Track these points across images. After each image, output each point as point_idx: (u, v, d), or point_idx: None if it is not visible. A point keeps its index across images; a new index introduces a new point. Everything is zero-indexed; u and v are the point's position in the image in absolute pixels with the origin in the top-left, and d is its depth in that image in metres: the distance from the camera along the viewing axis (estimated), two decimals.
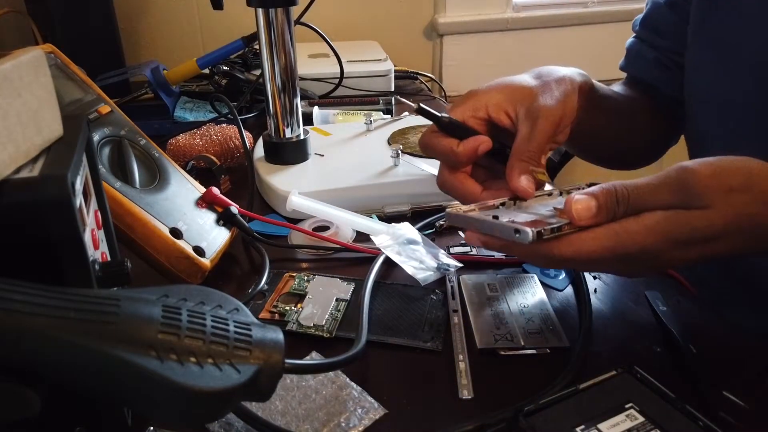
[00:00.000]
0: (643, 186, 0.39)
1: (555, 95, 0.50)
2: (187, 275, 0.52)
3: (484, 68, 1.45)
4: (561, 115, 0.49)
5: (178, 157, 0.75)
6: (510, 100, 0.50)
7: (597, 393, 0.39)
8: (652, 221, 0.38)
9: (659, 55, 0.67)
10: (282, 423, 0.39)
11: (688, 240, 0.38)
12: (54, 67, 0.51)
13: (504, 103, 0.50)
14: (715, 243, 0.38)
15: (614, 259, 0.40)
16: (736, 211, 0.38)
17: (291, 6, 0.66)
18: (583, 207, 0.39)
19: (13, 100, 0.30)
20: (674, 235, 0.38)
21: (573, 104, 0.51)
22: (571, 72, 0.54)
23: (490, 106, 0.50)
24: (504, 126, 0.50)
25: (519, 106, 0.49)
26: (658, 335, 0.47)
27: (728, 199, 0.38)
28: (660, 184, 0.39)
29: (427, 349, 0.46)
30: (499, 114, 0.50)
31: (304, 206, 0.61)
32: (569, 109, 0.50)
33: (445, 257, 0.55)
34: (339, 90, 1.02)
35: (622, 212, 0.39)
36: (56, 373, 0.27)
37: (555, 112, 0.49)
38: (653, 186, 0.39)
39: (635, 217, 0.39)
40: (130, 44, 1.18)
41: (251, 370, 0.29)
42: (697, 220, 0.38)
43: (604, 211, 0.39)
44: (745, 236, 0.39)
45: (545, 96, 0.49)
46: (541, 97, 0.49)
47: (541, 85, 0.50)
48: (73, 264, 0.32)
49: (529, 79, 0.51)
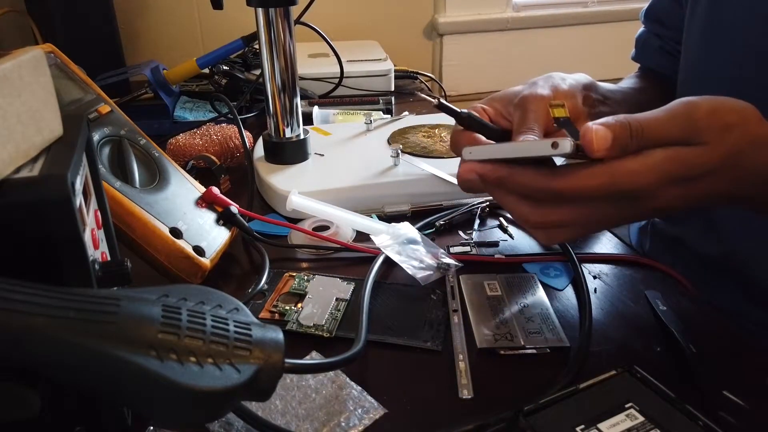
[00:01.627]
0: (653, 120, 0.39)
1: (540, 86, 0.51)
2: (187, 275, 0.52)
3: (484, 68, 1.45)
4: (550, 97, 0.50)
5: (178, 157, 0.75)
6: (504, 104, 0.52)
7: (597, 393, 0.39)
8: (652, 160, 0.38)
9: (663, 43, 0.70)
10: (282, 423, 0.39)
11: (683, 177, 0.38)
12: (54, 66, 0.51)
13: (501, 110, 0.52)
14: (705, 179, 0.39)
15: (608, 200, 0.39)
16: (727, 149, 0.38)
17: (291, 6, 0.66)
18: (602, 137, 0.37)
19: (13, 99, 0.30)
20: (671, 173, 0.38)
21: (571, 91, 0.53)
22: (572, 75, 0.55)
23: (492, 116, 0.52)
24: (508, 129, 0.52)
25: (508, 105, 0.52)
26: (658, 335, 0.47)
27: (723, 136, 0.38)
28: (669, 118, 0.39)
29: (427, 349, 0.46)
30: (499, 120, 0.52)
31: (304, 206, 0.61)
32: (563, 93, 0.52)
33: (445, 257, 0.55)
34: (339, 90, 1.02)
35: (634, 147, 0.38)
36: (56, 373, 0.27)
37: (542, 98, 0.49)
38: (663, 120, 0.39)
39: (634, 155, 0.38)
40: (129, 44, 1.18)
41: (251, 369, 0.29)
42: (694, 158, 0.38)
43: (618, 144, 0.38)
44: (730, 175, 0.39)
45: (531, 88, 0.51)
46: (526, 91, 0.50)
47: (528, 85, 0.52)
48: (73, 264, 0.32)
49: (519, 86, 0.53)
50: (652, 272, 0.56)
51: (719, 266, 0.64)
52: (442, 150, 0.73)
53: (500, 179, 0.42)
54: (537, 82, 0.52)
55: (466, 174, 0.43)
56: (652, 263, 0.57)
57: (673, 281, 0.55)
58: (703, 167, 0.38)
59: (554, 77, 0.53)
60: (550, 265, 0.57)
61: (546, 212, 0.42)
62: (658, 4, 0.72)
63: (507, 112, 0.51)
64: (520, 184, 0.41)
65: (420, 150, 0.73)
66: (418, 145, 0.74)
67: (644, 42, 0.74)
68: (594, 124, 0.38)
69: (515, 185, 0.42)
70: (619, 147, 0.38)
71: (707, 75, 0.61)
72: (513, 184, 0.42)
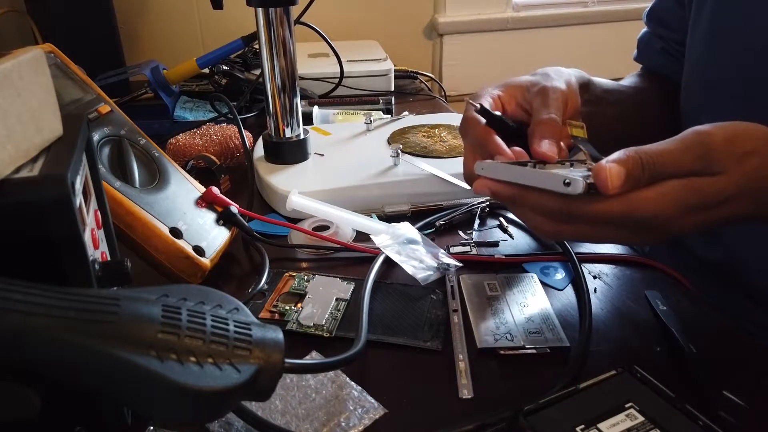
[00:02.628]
0: (666, 153, 0.39)
1: (554, 78, 0.52)
2: (186, 275, 0.52)
3: (484, 68, 1.45)
4: (567, 93, 0.51)
5: (178, 157, 0.75)
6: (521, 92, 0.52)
7: (597, 393, 0.39)
8: (668, 189, 0.38)
9: (665, 45, 0.71)
10: (282, 423, 0.39)
11: (699, 206, 0.39)
12: (54, 66, 0.51)
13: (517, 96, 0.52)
14: (724, 206, 0.39)
15: (624, 226, 0.40)
16: (747, 174, 0.38)
17: (291, 5, 0.66)
18: (616, 174, 0.38)
19: (13, 99, 0.30)
20: (688, 202, 0.38)
21: (575, 90, 0.53)
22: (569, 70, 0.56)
23: (505, 103, 0.52)
24: (518, 117, 0.52)
25: (525, 92, 0.52)
26: (658, 335, 0.47)
27: (741, 163, 0.38)
28: (682, 149, 0.39)
29: (427, 349, 0.46)
30: (514, 108, 0.53)
31: (304, 206, 0.61)
32: (572, 92, 0.52)
33: (445, 257, 0.55)
34: (339, 90, 1.02)
35: (646, 180, 0.39)
36: (56, 373, 0.27)
37: (560, 89, 0.50)
38: (675, 152, 0.39)
39: (650, 186, 0.39)
40: (129, 44, 1.18)
41: (251, 369, 0.29)
42: (710, 187, 0.38)
43: (631, 180, 0.38)
44: (751, 199, 0.39)
45: (547, 80, 0.52)
46: (544, 81, 0.51)
47: (541, 76, 0.53)
48: (73, 263, 0.32)
49: (527, 76, 0.54)
50: (652, 272, 0.56)
51: (720, 268, 0.64)
52: (442, 150, 0.73)
53: (514, 197, 0.43)
54: (549, 74, 0.53)
55: (481, 189, 0.44)
56: (652, 263, 0.57)
57: (673, 281, 0.55)
58: (720, 195, 0.38)
59: (562, 72, 0.54)
60: (550, 265, 0.57)
61: (562, 227, 0.42)
62: (661, 6, 0.72)
63: (524, 99, 0.52)
64: (536, 204, 0.42)
65: (420, 150, 0.73)
66: (418, 145, 0.74)
67: (646, 43, 0.75)
68: (607, 162, 0.38)
69: (530, 203, 0.43)
70: (632, 182, 0.38)
71: (713, 77, 0.61)
72: (528, 203, 0.43)
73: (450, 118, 0.85)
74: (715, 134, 0.39)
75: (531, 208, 0.43)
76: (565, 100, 0.50)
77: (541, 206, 0.41)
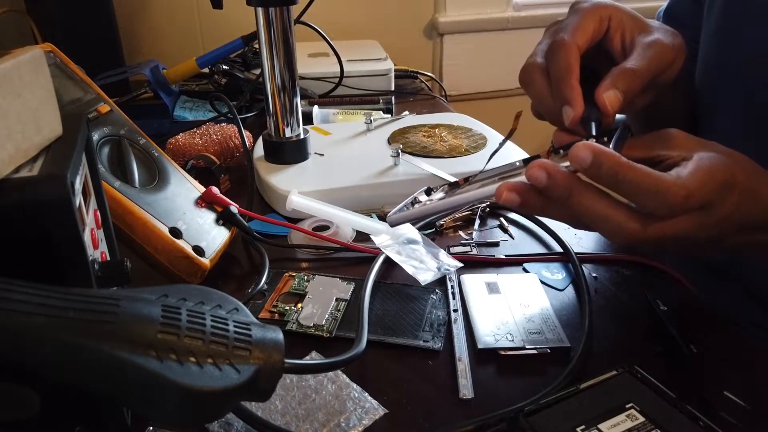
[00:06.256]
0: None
1: (669, 37, 0.46)
2: (186, 275, 0.52)
3: (484, 67, 1.45)
4: (672, 58, 0.46)
5: (178, 157, 0.75)
6: (632, 25, 0.47)
7: (597, 393, 0.39)
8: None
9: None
10: (282, 423, 0.39)
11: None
12: (53, 66, 0.51)
13: (626, 25, 0.47)
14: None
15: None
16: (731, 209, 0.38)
17: (291, 5, 0.66)
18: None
19: (12, 99, 0.30)
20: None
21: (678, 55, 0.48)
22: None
23: (614, 21, 0.47)
24: (611, 48, 0.47)
25: (638, 35, 0.46)
26: (658, 335, 0.47)
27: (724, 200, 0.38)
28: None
29: (427, 349, 0.46)
30: (616, 33, 0.47)
31: (304, 206, 0.61)
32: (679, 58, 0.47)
33: (445, 257, 0.55)
34: (339, 89, 1.02)
35: None
36: (56, 373, 0.27)
37: (668, 53, 0.45)
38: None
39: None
40: (129, 44, 1.18)
41: (251, 370, 0.29)
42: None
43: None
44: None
45: (664, 35, 0.46)
46: (663, 36, 0.46)
47: (659, 26, 0.48)
48: (72, 264, 0.32)
49: (646, 19, 0.49)
50: (652, 272, 0.56)
51: (720, 269, 0.64)
52: (442, 150, 0.73)
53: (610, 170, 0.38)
54: (666, 29, 0.47)
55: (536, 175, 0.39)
56: (652, 263, 0.57)
57: (673, 281, 0.55)
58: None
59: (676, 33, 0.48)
60: (550, 265, 0.57)
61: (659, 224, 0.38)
62: (678, 4, 0.70)
63: (629, 32, 0.46)
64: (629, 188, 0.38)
65: (420, 150, 0.73)
66: (418, 145, 0.74)
67: None
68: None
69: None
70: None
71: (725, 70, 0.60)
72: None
73: (450, 117, 0.85)
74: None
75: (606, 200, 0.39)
76: (668, 62, 0.45)
77: (634, 183, 0.37)
